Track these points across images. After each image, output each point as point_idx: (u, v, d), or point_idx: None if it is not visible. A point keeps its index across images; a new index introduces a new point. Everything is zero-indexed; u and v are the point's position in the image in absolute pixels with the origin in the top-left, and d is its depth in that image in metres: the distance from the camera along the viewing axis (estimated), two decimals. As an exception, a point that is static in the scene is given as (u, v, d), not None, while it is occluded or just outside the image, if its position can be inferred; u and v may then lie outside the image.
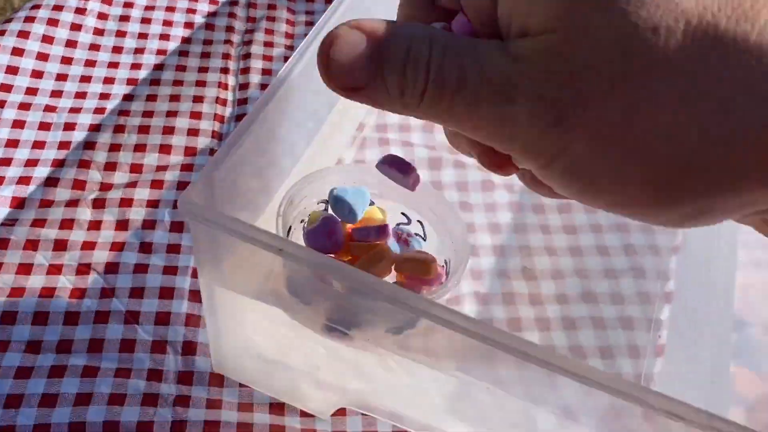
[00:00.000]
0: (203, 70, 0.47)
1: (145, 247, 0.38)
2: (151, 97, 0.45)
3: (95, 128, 0.43)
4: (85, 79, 0.46)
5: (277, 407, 0.34)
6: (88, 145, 0.42)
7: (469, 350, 0.25)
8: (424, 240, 0.33)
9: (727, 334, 0.37)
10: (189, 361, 0.35)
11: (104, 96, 0.45)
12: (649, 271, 0.39)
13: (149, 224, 0.39)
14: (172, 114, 0.44)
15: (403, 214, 0.33)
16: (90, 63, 0.46)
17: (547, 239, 0.40)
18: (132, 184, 0.41)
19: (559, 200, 0.38)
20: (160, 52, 0.48)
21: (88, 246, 0.38)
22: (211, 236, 0.27)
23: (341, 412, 0.34)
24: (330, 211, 0.31)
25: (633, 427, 0.24)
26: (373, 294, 0.23)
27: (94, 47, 0.47)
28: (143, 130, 0.43)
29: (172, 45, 0.48)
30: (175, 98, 0.45)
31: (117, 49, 0.47)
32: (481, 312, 0.37)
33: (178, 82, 0.46)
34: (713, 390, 0.35)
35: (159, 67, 0.47)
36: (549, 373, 0.22)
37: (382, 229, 0.30)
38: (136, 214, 0.39)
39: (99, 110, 0.44)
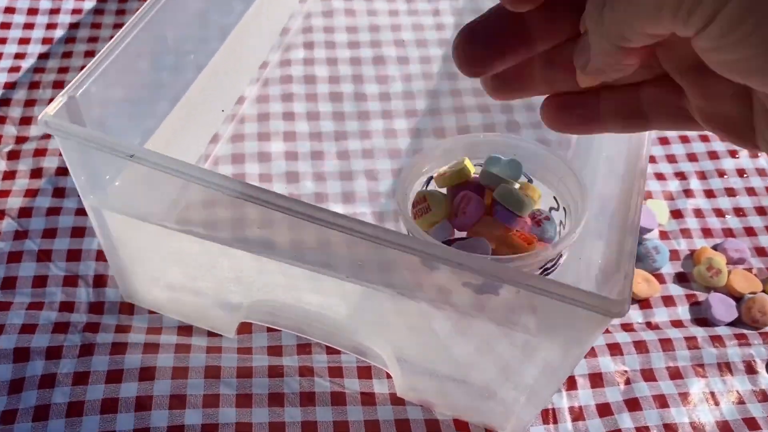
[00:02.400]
0: (119, 26, 0.48)
1: (59, 192, 0.40)
2: (66, 54, 0.46)
3: (10, 86, 0.44)
4: (1, 41, 0.47)
5: (185, 329, 0.35)
6: (3, 102, 0.43)
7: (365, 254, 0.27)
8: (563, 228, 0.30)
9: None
10: (100, 292, 0.36)
11: (19, 56, 0.46)
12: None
13: (62, 171, 0.40)
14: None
15: (555, 198, 0.31)
16: (5, 26, 0.48)
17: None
18: (47, 137, 0.42)
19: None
20: (75, 11, 0.49)
21: (3, 194, 0.39)
22: (87, 155, 0.28)
23: (247, 329, 0.35)
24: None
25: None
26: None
27: (9, 10, 0.48)
28: (58, 85, 0.45)
29: (87, 5, 0.49)
30: (90, 54, 0.46)
31: (32, 11, 0.49)
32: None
33: (93, 39, 0.47)
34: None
35: (75, 26, 0.48)
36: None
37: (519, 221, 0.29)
38: (50, 162, 0.41)
39: (14, 69, 0.45)
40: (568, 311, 0.24)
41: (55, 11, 0.49)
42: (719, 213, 0.41)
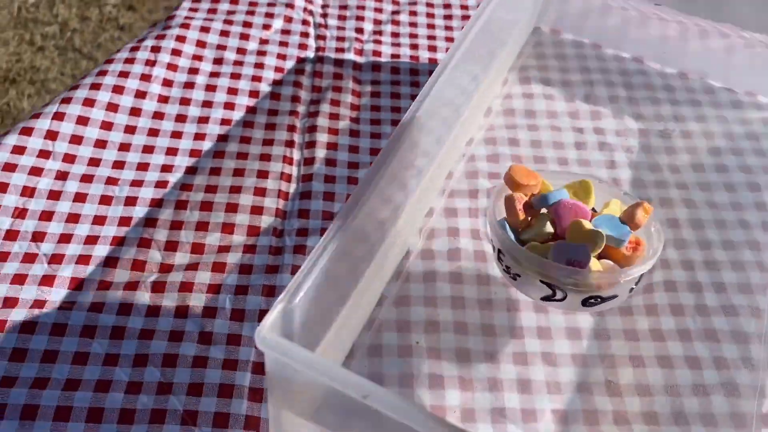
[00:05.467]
0: (268, 142, 0.46)
1: (205, 338, 0.36)
2: (215, 171, 0.44)
3: (157, 203, 0.42)
4: (148, 149, 0.44)
5: None
6: (149, 222, 0.41)
7: None
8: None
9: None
10: (247, 470, 0.33)
11: (167, 168, 0.44)
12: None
13: (209, 312, 0.37)
14: (235, 190, 0.43)
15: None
16: (153, 132, 0.45)
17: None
18: (193, 266, 0.39)
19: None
20: (224, 121, 0.47)
21: (146, 335, 0.36)
22: (285, 367, 0.25)
23: None
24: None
25: None
26: None
27: (158, 115, 0.46)
28: (206, 207, 0.42)
29: (236, 115, 0.47)
30: (239, 173, 0.44)
31: (181, 118, 0.46)
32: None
33: (242, 155, 0.45)
34: None
35: (223, 138, 0.46)
36: None
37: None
38: (197, 300, 0.38)
39: (161, 183, 0.43)
40: None
41: (203, 120, 0.47)
42: None
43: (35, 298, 0.37)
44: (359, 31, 0.54)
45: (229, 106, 0.48)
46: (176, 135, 0.45)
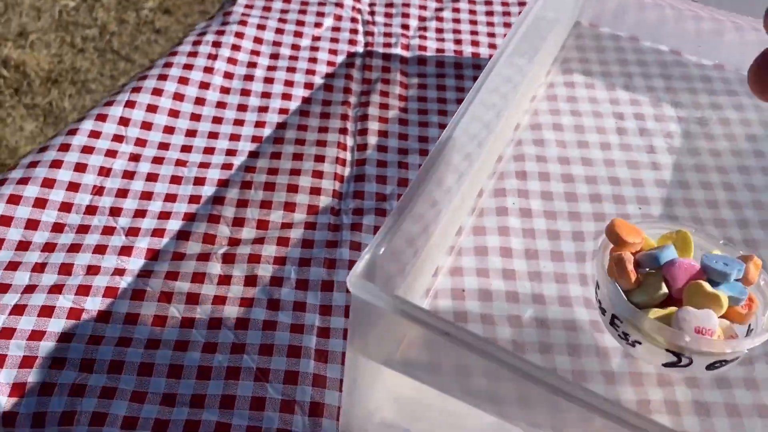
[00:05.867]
0: (323, 130, 0.49)
1: (273, 304, 0.39)
2: (275, 155, 0.47)
3: (223, 183, 0.45)
4: (213, 135, 0.47)
5: (405, 478, 0.33)
6: (217, 200, 0.44)
7: None
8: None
9: None
10: (316, 422, 0.35)
11: (231, 152, 0.47)
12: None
13: (276, 281, 0.40)
14: (295, 172, 0.46)
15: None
16: (217, 120, 0.48)
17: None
18: (259, 240, 0.42)
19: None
20: (282, 111, 0.50)
21: (219, 301, 0.39)
22: (369, 312, 0.27)
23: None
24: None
25: None
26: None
27: (221, 105, 0.49)
28: (268, 187, 0.45)
29: (293, 105, 0.50)
30: (298, 157, 0.47)
31: (242, 107, 0.49)
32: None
33: (300, 141, 0.48)
34: None
35: (282, 126, 0.49)
36: None
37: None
38: (264, 271, 0.40)
39: (226, 166, 0.46)
40: None
41: (263, 109, 0.50)
42: None
43: (115, 267, 0.40)
44: (405, 27, 0.57)
45: (286, 96, 0.51)
46: (238, 123, 0.48)
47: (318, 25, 0.57)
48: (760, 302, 0.33)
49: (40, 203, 0.42)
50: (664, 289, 0.32)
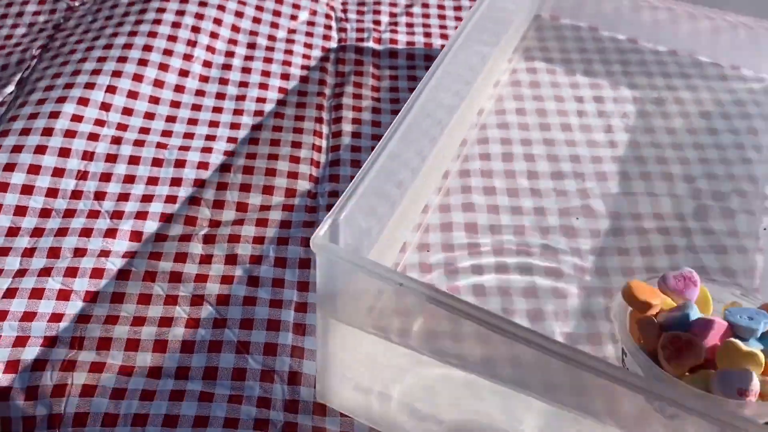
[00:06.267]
0: (299, 118, 0.51)
1: (253, 281, 0.41)
2: (254, 141, 0.49)
3: (203, 167, 0.47)
4: (192, 121, 0.49)
5: (378, 437, 0.36)
6: (198, 182, 0.46)
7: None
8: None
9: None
10: (295, 390, 0.37)
11: (210, 137, 0.49)
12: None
13: (256, 259, 0.42)
14: (273, 157, 0.48)
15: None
16: (196, 107, 0.50)
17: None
18: (239, 222, 0.44)
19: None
20: (260, 99, 0.52)
21: (201, 279, 0.41)
22: (334, 273, 0.30)
23: (439, 444, 0.36)
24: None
25: None
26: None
27: (200, 93, 0.51)
28: (247, 171, 0.47)
29: (270, 94, 0.52)
30: (275, 143, 0.49)
31: (220, 96, 0.51)
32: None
33: (277, 128, 0.50)
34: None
35: (259, 114, 0.51)
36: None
37: None
38: (244, 250, 0.42)
39: (206, 150, 0.48)
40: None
41: (241, 98, 0.51)
42: None
43: (101, 249, 0.42)
44: (377, 23, 0.59)
45: (264, 86, 0.53)
46: (217, 110, 0.50)
47: (293, 17, 0.58)
48: None
49: (27, 190, 0.44)
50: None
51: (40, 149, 0.45)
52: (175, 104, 0.50)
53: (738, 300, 0.35)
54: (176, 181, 0.46)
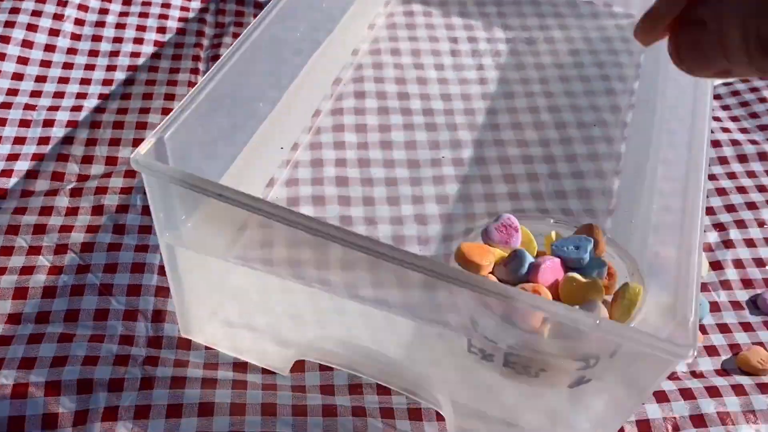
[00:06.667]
0: (174, 71, 0.50)
1: (119, 229, 0.41)
2: (126, 96, 0.48)
3: (73, 125, 0.46)
4: (63, 80, 0.49)
5: (240, 366, 0.36)
6: (67, 140, 0.45)
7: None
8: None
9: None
10: (159, 327, 0.37)
11: (81, 95, 0.48)
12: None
13: (122, 209, 0.42)
14: (144, 111, 0.47)
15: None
16: (68, 66, 0.50)
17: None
18: (107, 175, 0.44)
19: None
20: (134, 54, 0.51)
21: (66, 229, 0.41)
22: (167, 193, 0.30)
23: (300, 368, 0.36)
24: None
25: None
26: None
27: (72, 51, 0.51)
28: (118, 125, 0.46)
29: (146, 48, 0.52)
30: (148, 96, 0.48)
31: (93, 53, 0.51)
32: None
33: (150, 82, 0.49)
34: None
35: (133, 69, 0.50)
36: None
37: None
38: (111, 200, 0.42)
39: (76, 108, 0.47)
40: (633, 355, 0.25)
41: (114, 54, 0.51)
42: (760, 263, 0.42)
43: (-38, 206, 0.41)
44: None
45: (139, 41, 0.52)
46: (89, 67, 0.50)
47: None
48: (616, 268, 0.33)
49: None
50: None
51: None
52: (46, 63, 0.49)
53: (556, 229, 0.34)
54: (44, 140, 0.45)
